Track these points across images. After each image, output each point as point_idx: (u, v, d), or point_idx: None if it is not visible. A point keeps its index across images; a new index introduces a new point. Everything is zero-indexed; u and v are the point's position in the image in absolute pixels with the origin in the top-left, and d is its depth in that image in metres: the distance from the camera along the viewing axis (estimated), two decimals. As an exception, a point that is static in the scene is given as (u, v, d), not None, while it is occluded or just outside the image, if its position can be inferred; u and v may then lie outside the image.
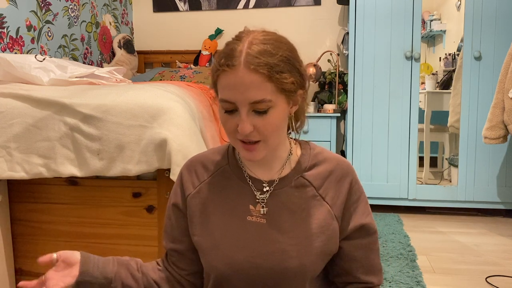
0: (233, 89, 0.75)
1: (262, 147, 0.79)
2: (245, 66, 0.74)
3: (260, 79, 0.74)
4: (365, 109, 2.75)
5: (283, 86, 0.76)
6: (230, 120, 0.78)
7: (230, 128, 0.79)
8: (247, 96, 0.74)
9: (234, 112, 0.77)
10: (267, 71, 0.74)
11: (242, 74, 0.74)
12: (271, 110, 0.77)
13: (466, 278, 1.82)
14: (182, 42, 3.43)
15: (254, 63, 0.73)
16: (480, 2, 2.58)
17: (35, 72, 1.61)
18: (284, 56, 0.76)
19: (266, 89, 0.75)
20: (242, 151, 0.80)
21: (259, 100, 0.75)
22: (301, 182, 0.87)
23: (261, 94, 0.74)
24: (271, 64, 0.74)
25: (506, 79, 2.28)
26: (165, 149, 1.29)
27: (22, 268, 1.54)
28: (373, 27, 2.70)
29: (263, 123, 0.77)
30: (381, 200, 2.77)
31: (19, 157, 1.38)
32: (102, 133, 1.34)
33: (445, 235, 2.37)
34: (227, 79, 0.75)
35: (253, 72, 0.73)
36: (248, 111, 0.76)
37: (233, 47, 0.76)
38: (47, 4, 2.38)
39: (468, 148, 2.67)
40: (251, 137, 0.78)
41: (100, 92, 1.43)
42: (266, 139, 0.79)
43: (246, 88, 0.74)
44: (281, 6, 3.27)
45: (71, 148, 1.37)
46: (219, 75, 0.77)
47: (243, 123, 0.76)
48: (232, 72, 0.74)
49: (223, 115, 0.80)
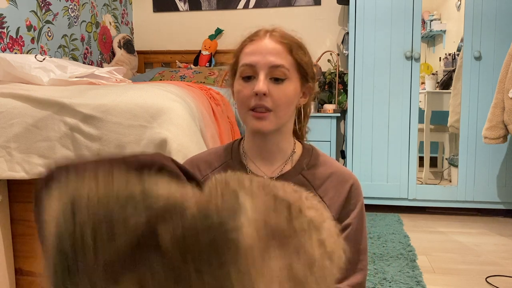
0: (256, 54, 0.83)
1: (272, 117, 0.84)
2: (270, 37, 0.85)
3: (282, 48, 0.83)
4: (365, 109, 2.75)
5: (300, 62, 0.85)
6: (247, 87, 0.84)
7: (245, 95, 0.84)
8: (268, 59, 0.82)
9: (252, 79, 0.84)
10: (288, 43, 0.84)
11: (268, 42, 0.84)
12: (287, 82, 0.84)
13: (466, 278, 1.82)
14: (182, 42, 3.43)
15: (279, 35, 0.85)
16: (480, 2, 2.58)
17: (35, 72, 1.61)
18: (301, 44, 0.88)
19: (286, 59, 0.83)
20: (252, 120, 0.84)
21: (278, 64, 0.82)
22: (300, 180, 0.88)
23: (281, 61, 0.83)
24: (292, 40, 0.86)
25: (506, 79, 2.28)
26: (165, 149, 1.29)
27: (22, 268, 1.54)
28: (373, 27, 2.70)
29: (277, 91, 0.83)
30: (381, 200, 2.77)
31: (19, 157, 1.38)
32: (102, 133, 1.34)
33: (445, 235, 2.37)
34: (252, 46, 0.84)
35: (276, 42, 0.84)
36: (266, 75, 0.82)
37: (258, 30, 0.87)
38: (47, 4, 2.38)
39: (468, 148, 2.67)
40: (264, 102, 0.82)
41: (100, 92, 1.43)
42: (277, 109, 0.83)
43: (268, 52, 0.83)
44: (281, 6, 3.27)
45: (71, 148, 1.37)
46: (245, 45, 0.86)
47: (259, 82, 0.82)
48: (258, 41, 0.84)
49: (240, 83, 0.85)
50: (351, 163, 2.77)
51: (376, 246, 2.15)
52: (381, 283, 1.73)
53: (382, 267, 1.89)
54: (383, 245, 2.15)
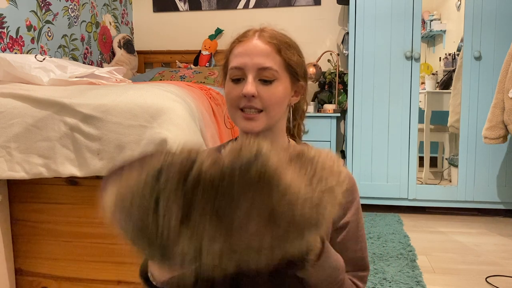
0: (244, 55, 0.83)
1: (262, 117, 0.84)
2: (259, 37, 0.84)
3: (270, 49, 0.83)
4: (365, 109, 2.75)
5: (289, 62, 0.85)
6: (236, 89, 0.84)
7: (235, 96, 0.85)
8: (256, 61, 0.82)
9: (241, 81, 0.84)
10: (277, 43, 0.84)
11: (256, 43, 0.83)
12: (276, 82, 0.84)
13: (466, 278, 1.82)
14: (182, 42, 3.43)
15: (267, 35, 0.84)
16: (480, 2, 2.58)
17: (35, 72, 1.61)
18: (292, 43, 0.87)
19: (275, 60, 0.83)
20: (242, 121, 0.85)
21: (267, 66, 0.82)
22: None
23: (269, 62, 0.82)
24: (281, 40, 0.85)
25: (506, 79, 2.28)
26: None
27: (22, 268, 1.54)
28: (373, 27, 2.70)
29: (267, 93, 0.83)
30: (381, 200, 2.77)
31: (19, 157, 1.38)
32: (102, 133, 1.34)
33: (445, 235, 2.37)
34: (241, 47, 0.84)
35: (264, 43, 0.83)
36: (255, 77, 0.83)
37: (247, 30, 0.87)
38: (47, 4, 2.38)
39: (468, 148, 2.67)
40: (254, 103, 0.83)
41: (100, 92, 1.43)
42: (268, 109, 0.84)
43: (257, 54, 0.83)
44: (281, 6, 3.27)
45: (71, 148, 1.37)
46: (234, 47, 0.86)
47: (248, 84, 0.82)
48: (247, 42, 0.84)
49: (230, 85, 0.86)
50: (351, 163, 2.77)
51: (376, 246, 2.15)
52: (381, 283, 1.73)
53: (382, 267, 1.89)
54: (383, 245, 2.15)
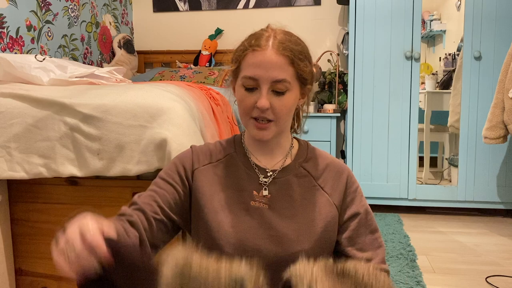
0: (259, 67, 0.83)
1: (272, 127, 0.87)
2: (273, 48, 0.84)
3: (285, 61, 0.83)
4: (365, 109, 2.75)
5: (301, 73, 0.86)
6: (249, 98, 0.86)
7: (247, 105, 0.86)
8: (271, 74, 0.83)
9: (254, 90, 0.85)
10: (291, 56, 0.84)
11: (270, 54, 0.83)
12: (288, 93, 0.85)
13: (466, 278, 1.82)
14: (182, 42, 3.43)
15: (281, 47, 0.84)
16: (480, 2, 2.58)
17: (35, 72, 1.61)
18: (304, 50, 0.88)
19: (288, 72, 0.84)
20: (254, 130, 0.87)
21: (281, 79, 0.83)
22: (301, 172, 0.93)
23: (283, 75, 0.84)
24: (295, 51, 0.85)
25: (506, 79, 2.28)
26: (165, 149, 1.29)
27: (22, 268, 1.54)
28: (373, 27, 2.70)
29: (279, 103, 0.85)
30: (381, 200, 2.77)
31: (19, 157, 1.38)
32: (102, 133, 1.34)
33: (445, 235, 2.37)
34: (255, 57, 0.84)
35: (279, 54, 0.83)
36: (268, 89, 0.84)
37: (261, 33, 0.87)
38: (47, 4, 2.38)
39: (468, 148, 2.67)
40: (266, 115, 0.85)
41: (100, 92, 1.43)
42: (278, 120, 0.87)
43: (272, 66, 0.83)
44: (281, 6, 3.27)
45: (71, 148, 1.37)
46: (247, 54, 0.85)
47: (262, 98, 0.84)
48: (261, 52, 0.84)
49: (243, 93, 0.87)
50: (351, 163, 2.77)
51: (376, 246, 2.14)
52: (381, 283, 1.73)
53: (382, 267, 1.89)
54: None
